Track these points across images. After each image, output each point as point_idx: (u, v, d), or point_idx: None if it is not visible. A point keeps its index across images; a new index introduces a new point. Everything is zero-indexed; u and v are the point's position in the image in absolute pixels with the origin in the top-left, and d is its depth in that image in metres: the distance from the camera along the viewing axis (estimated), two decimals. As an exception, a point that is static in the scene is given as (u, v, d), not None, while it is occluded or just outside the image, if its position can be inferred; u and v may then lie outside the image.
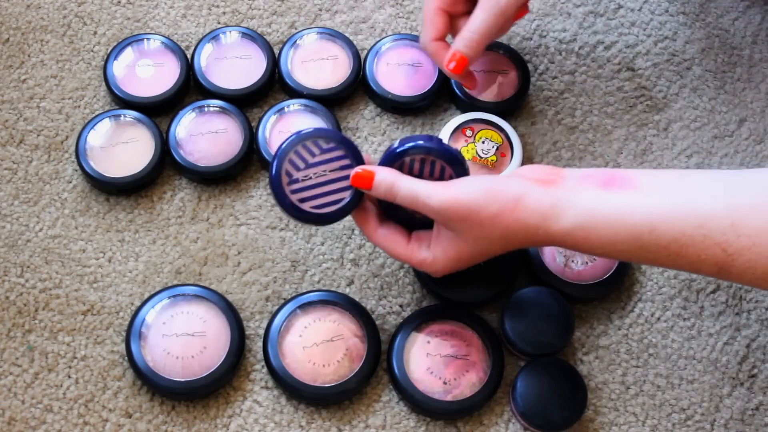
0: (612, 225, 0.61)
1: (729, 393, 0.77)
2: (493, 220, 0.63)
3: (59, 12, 0.89)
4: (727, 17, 0.95)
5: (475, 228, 0.63)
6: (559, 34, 0.92)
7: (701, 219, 0.58)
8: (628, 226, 0.60)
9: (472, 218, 0.63)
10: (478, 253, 0.66)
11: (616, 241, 0.61)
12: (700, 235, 0.58)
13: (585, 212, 0.61)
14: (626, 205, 0.61)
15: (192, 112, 0.83)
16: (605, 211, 0.61)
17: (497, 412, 0.75)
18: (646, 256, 0.61)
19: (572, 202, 0.62)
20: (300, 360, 0.73)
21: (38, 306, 0.76)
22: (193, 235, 0.80)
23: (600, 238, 0.61)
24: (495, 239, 0.64)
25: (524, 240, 0.64)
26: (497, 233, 0.63)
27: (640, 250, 0.61)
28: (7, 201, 0.80)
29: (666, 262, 0.60)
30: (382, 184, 0.66)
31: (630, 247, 0.61)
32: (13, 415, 0.72)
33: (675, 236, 0.59)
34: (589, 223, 0.61)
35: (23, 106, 0.85)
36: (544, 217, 0.62)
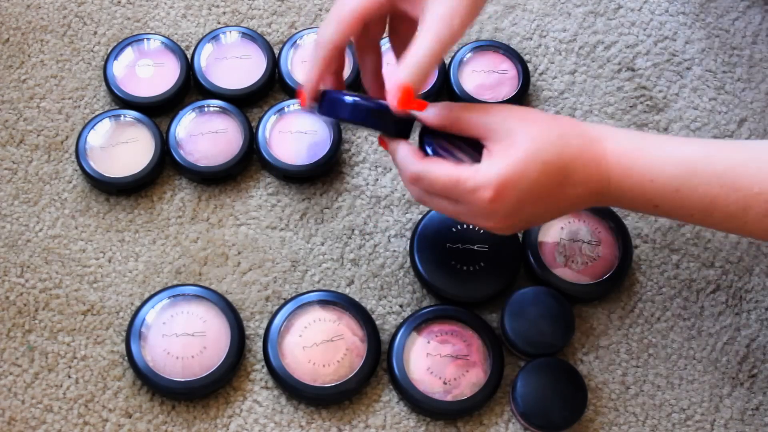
0: (664, 149, 0.60)
1: (729, 393, 0.77)
2: (552, 120, 0.62)
3: (59, 12, 0.89)
4: (727, 17, 0.95)
5: (533, 126, 0.60)
6: (559, 34, 0.92)
7: (755, 152, 0.57)
8: (680, 153, 0.59)
9: (532, 117, 0.61)
10: (529, 161, 0.59)
11: (669, 163, 0.59)
12: (755, 167, 0.57)
13: (637, 136, 0.61)
14: (677, 138, 0.62)
15: (192, 112, 0.83)
16: (658, 138, 0.61)
17: (497, 412, 0.75)
18: (697, 186, 0.59)
19: (628, 132, 0.62)
20: (300, 360, 0.73)
21: (38, 306, 0.76)
22: (193, 235, 0.80)
23: (652, 159, 0.59)
24: (551, 140, 0.60)
25: (578, 150, 0.60)
26: (555, 132, 0.60)
27: (692, 177, 0.59)
28: (7, 201, 0.80)
29: (718, 194, 0.58)
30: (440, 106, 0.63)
31: (682, 172, 0.59)
32: (13, 415, 0.72)
33: (731, 164, 0.58)
34: (642, 144, 0.60)
35: (23, 106, 0.85)
36: (601, 132, 0.61)
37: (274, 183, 0.83)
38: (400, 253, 0.80)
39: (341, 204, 0.82)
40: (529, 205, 0.61)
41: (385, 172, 0.84)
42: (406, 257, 0.80)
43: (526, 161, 0.59)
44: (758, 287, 0.81)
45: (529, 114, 0.61)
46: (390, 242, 0.81)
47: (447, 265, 0.77)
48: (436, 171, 0.61)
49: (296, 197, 0.82)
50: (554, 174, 0.60)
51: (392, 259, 0.80)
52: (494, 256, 0.77)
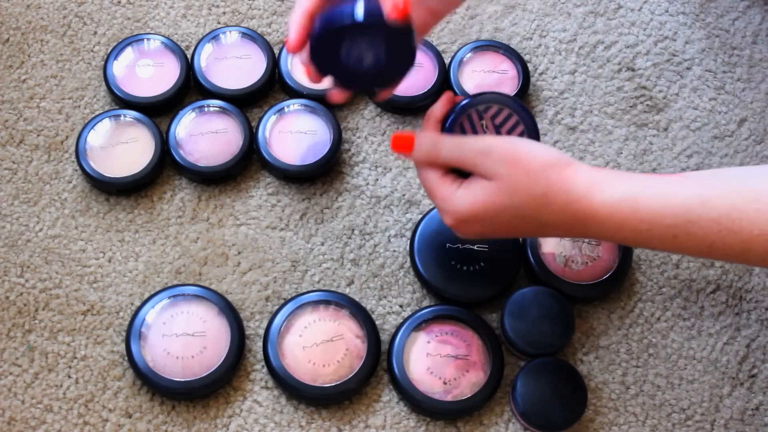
0: (662, 197, 0.59)
1: (729, 393, 0.77)
2: (540, 172, 0.60)
3: (59, 12, 0.89)
4: (727, 17, 0.95)
5: (519, 175, 0.60)
6: (559, 34, 0.92)
7: (754, 193, 0.57)
8: (678, 199, 0.58)
9: (521, 165, 0.60)
10: (506, 200, 0.61)
11: (665, 213, 0.58)
12: (753, 210, 0.56)
13: (635, 184, 0.60)
14: (676, 182, 0.59)
15: (192, 112, 0.83)
16: (655, 185, 0.59)
17: (497, 412, 0.75)
18: (695, 232, 0.58)
19: (622, 177, 0.60)
20: (300, 360, 0.73)
21: (38, 306, 0.76)
22: (193, 235, 0.80)
23: (648, 210, 0.59)
24: (533, 196, 0.60)
25: (561, 208, 0.60)
26: (539, 188, 0.60)
27: (690, 225, 0.58)
28: (7, 201, 0.80)
29: (716, 240, 0.58)
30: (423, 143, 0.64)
31: (679, 221, 0.58)
32: (13, 415, 0.72)
33: (727, 209, 0.57)
34: (639, 192, 0.59)
35: (23, 106, 0.85)
36: (592, 184, 0.60)
37: (274, 183, 0.83)
38: (400, 253, 0.80)
39: (341, 204, 0.82)
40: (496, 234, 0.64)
41: (385, 172, 0.84)
42: (406, 257, 0.80)
43: (500, 209, 0.61)
44: (758, 287, 0.81)
45: (519, 161, 0.60)
46: (390, 242, 0.81)
47: (447, 265, 0.77)
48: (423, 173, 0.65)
49: (296, 197, 0.82)
50: (531, 223, 0.62)
51: (392, 259, 0.80)
52: (494, 256, 0.77)
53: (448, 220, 0.64)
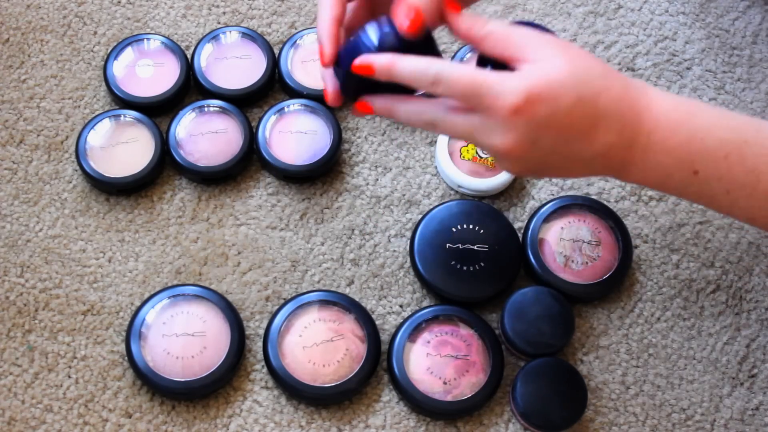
0: (719, 114, 0.56)
1: (729, 393, 0.77)
2: (597, 59, 0.56)
3: (59, 12, 0.89)
4: (727, 17, 0.95)
5: (577, 56, 0.54)
6: (559, 34, 0.92)
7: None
8: (734, 120, 0.56)
9: (577, 50, 0.55)
10: (568, 87, 0.54)
11: (722, 126, 0.55)
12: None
13: (685, 99, 0.57)
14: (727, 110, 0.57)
15: (192, 112, 0.83)
16: (705, 104, 0.56)
17: (497, 412, 0.75)
18: (747, 155, 0.55)
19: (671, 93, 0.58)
20: (300, 360, 0.73)
21: (38, 306, 0.76)
22: (193, 235, 0.80)
23: (706, 119, 0.55)
24: (593, 74, 0.54)
25: (620, 93, 0.55)
26: (599, 69, 0.55)
27: (744, 145, 0.55)
28: (7, 201, 0.80)
29: (763, 173, 0.55)
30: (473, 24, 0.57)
31: (733, 137, 0.55)
32: (13, 415, 0.72)
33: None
34: (696, 104, 0.57)
35: (23, 106, 0.85)
36: (647, 86, 0.57)
37: (274, 183, 0.83)
38: (400, 253, 0.80)
39: (341, 204, 0.82)
40: (552, 137, 0.55)
41: (385, 172, 0.84)
42: (406, 257, 0.80)
43: (562, 84, 0.53)
44: (758, 287, 0.81)
45: (572, 47, 0.55)
46: (390, 242, 0.81)
47: (447, 265, 0.77)
48: (457, 72, 0.55)
49: (296, 197, 0.82)
50: (587, 112, 0.54)
51: (392, 259, 0.80)
52: (494, 256, 0.78)
53: (507, 104, 0.53)
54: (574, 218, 0.80)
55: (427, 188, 0.83)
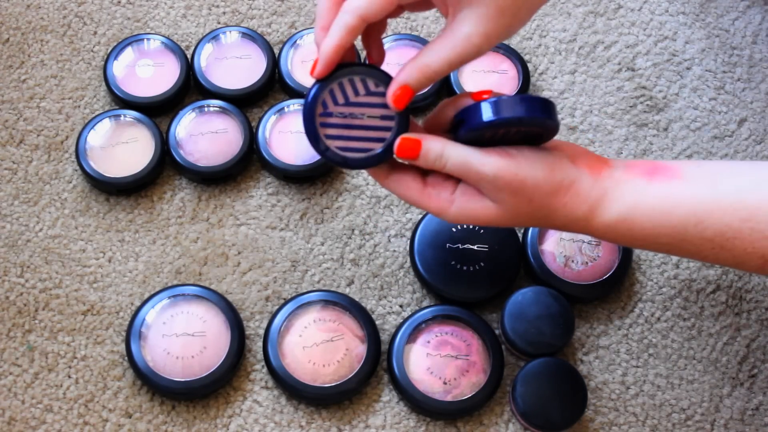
0: (656, 218, 0.59)
1: (729, 393, 0.77)
2: (543, 200, 0.60)
3: (59, 12, 0.89)
4: (727, 17, 0.95)
5: (522, 203, 0.60)
6: (559, 34, 0.92)
7: (749, 212, 0.57)
8: (672, 219, 0.59)
9: (524, 194, 0.59)
10: (508, 221, 0.62)
11: (660, 233, 0.59)
12: (748, 228, 0.57)
13: (629, 205, 0.60)
14: (671, 196, 0.59)
15: (192, 112, 0.83)
16: (650, 204, 0.59)
17: (497, 412, 0.75)
18: (689, 249, 0.59)
19: (617, 194, 0.60)
20: (300, 360, 0.73)
21: (38, 306, 0.76)
22: (193, 235, 0.80)
23: (643, 231, 0.60)
24: (536, 218, 0.61)
25: (562, 225, 0.62)
26: (541, 213, 0.61)
27: (684, 243, 0.59)
28: (7, 201, 0.80)
29: (709, 255, 0.59)
30: (430, 153, 0.60)
31: (673, 239, 0.59)
32: (13, 415, 0.72)
33: (721, 229, 0.58)
34: (634, 215, 0.60)
35: (23, 106, 0.85)
36: (591, 208, 0.60)
37: (274, 183, 0.83)
38: (400, 253, 0.80)
39: (341, 204, 0.82)
40: None
41: (385, 172, 0.84)
42: (406, 257, 0.80)
43: (502, 223, 0.62)
44: (758, 287, 0.81)
45: (523, 191, 0.59)
46: (390, 242, 0.81)
47: (447, 265, 0.77)
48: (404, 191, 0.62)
49: (296, 197, 0.82)
50: (535, 223, 0.63)
51: (392, 259, 0.80)
52: (494, 256, 0.77)
53: (444, 218, 0.63)
54: (574, 218, 0.80)
55: (427, 188, 0.83)
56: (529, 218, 0.61)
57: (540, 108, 0.58)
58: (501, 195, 0.60)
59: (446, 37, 0.57)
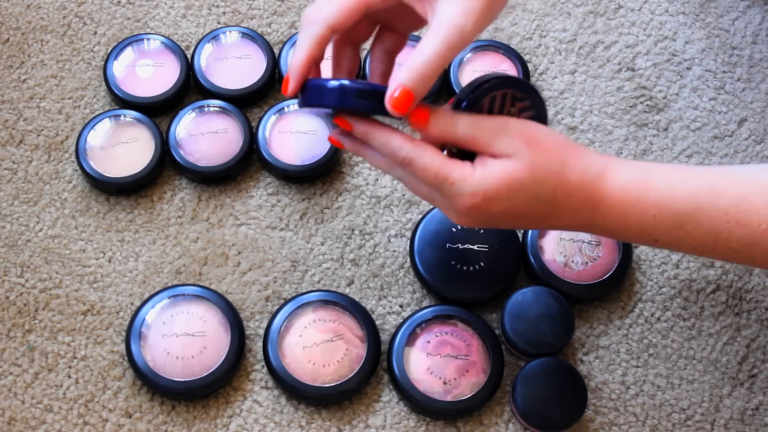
0: (671, 182, 0.57)
1: (729, 393, 0.77)
2: (557, 150, 0.58)
3: (59, 12, 0.89)
4: (727, 17, 0.95)
5: (537, 151, 0.57)
6: (559, 34, 0.92)
7: (762, 186, 0.55)
8: (687, 186, 0.57)
9: (538, 142, 0.57)
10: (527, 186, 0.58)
11: (673, 199, 0.57)
12: (763, 202, 0.55)
13: (644, 170, 0.58)
14: (686, 170, 0.58)
15: (192, 112, 0.83)
16: (664, 172, 0.58)
17: (497, 412, 0.75)
18: (702, 221, 0.57)
19: (631, 163, 0.59)
20: (300, 360, 0.73)
21: (38, 306, 0.76)
22: (193, 235, 0.80)
23: (658, 194, 0.57)
24: (552, 172, 0.58)
25: (576, 188, 0.58)
26: (557, 165, 0.58)
27: (698, 213, 0.57)
28: (7, 201, 0.80)
29: (722, 231, 0.57)
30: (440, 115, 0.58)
31: (687, 207, 0.57)
32: (13, 415, 0.72)
33: (736, 200, 0.56)
34: (648, 178, 0.58)
35: (23, 106, 0.85)
36: (605, 166, 0.58)
37: (274, 183, 0.83)
38: (400, 253, 0.80)
39: (341, 204, 0.82)
40: (506, 221, 0.60)
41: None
42: (406, 257, 0.80)
43: (520, 185, 0.58)
44: (758, 287, 0.81)
45: (536, 139, 0.58)
46: (390, 242, 0.81)
47: (447, 265, 0.77)
48: (426, 160, 0.58)
49: (296, 197, 0.82)
50: (542, 207, 0.59)
51: (392, 259, 0.80)
52: (494, 256, 0.77)
53: (465, 201, 0.58)
54: (574, 218, 0.80)
55: (427, 188, 0.83)
56: (545, 171, 0.58)
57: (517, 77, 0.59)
58: (515, 144, 0.57)
59: (430, 31, 0.56)
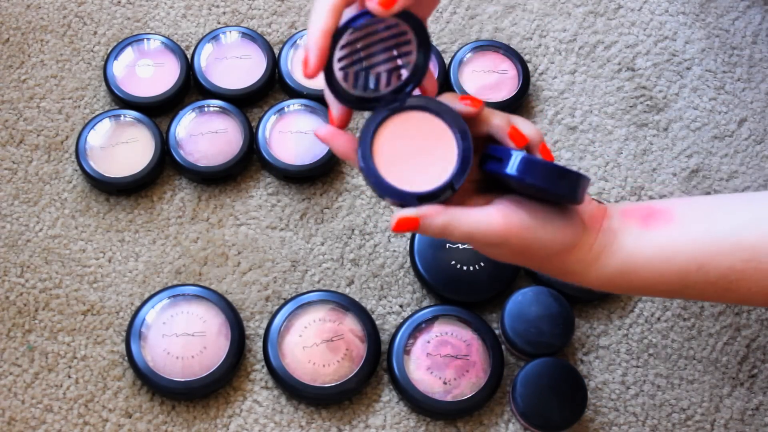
0: (656, 267, 0.58)
1: (729, 393, 0.77)
2: (543, 259, 0.59)
3: (59, 12, 0.89)
4: (727, 17, 0.95)
5: (521, 258, 0.59)
6: (559, 34, 0.92)
7: (749, 252, 0.56)
8: (672, 267, 0.58)
9: (526, 254, 0.58)
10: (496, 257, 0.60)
11: (661, 281, 0.58)
12: (751, 269, 0.56)
13: (627, 256, 0.58)
14: (668, 243, 0.58)
15: (192, 112, 0.83)
16: (648, 254, 0.58)
17: (497, 412, 0.75)
18: (691, 293, 0.59)
19: (615, 248, 0.59)
20: (300, 360, 0.73)
21: (38, 306, 0.76)
22: (193, 235, 0.80)
23: (643, 281, 0.59)
24: (529, 265, 0.61)
25: (557, 275, 0.61)
26: (536, 264, 0.60)
27: (686, 289, 0.58)
28: (7, 201, 0.80)
29: (713, 296, 0.58)
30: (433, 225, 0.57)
31: (675, 286, 0.58)
32: (13, 415, 0.72)
33: (724, 272, 0.57)
34: (632, 268, 0.58)
35: (23, 106, 0.85)
36: (588, 265, 0.59)
37: (274, 183, 0.83)
38: (400, 253, 0.80)
39: (341, 204, 0.82)
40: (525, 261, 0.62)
41: (385, 172, 0.84)
42: (406, 257, 0.80)
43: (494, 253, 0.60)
44: (758, 287, 0.81)
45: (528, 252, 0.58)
46: (390, 242, 0.81)
47: (447, 265, 0.77)
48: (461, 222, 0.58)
49: (296, 197, 0.82)
50: None
51: (392, 259, 0.80)
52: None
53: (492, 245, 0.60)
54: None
55: (427, 188, 0.83)
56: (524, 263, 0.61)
57: (568, 186, 0.56)
58: (506, 256, 0.59)
59: None
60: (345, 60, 0.57)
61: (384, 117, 0.58)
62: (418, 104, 0.59)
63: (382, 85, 0.59)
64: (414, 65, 0.58)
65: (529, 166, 0.55)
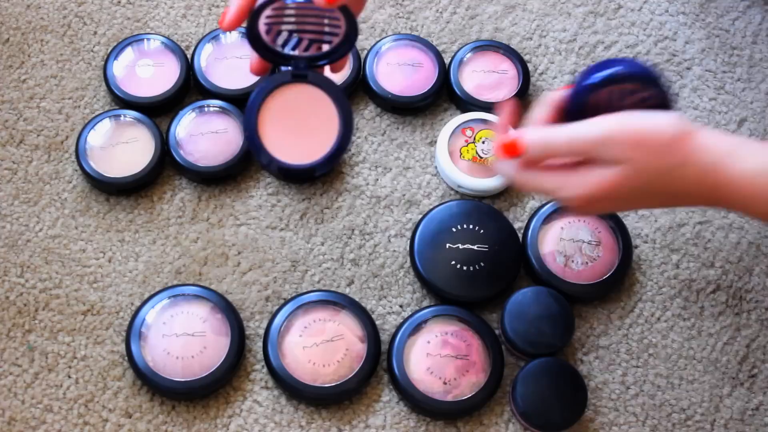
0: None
1: (729, 393, 0.77)
2: (668, 147, 0.54)
3: (59, 12, 0.89)
4: (727, 17, 0.95)
5: (645, 155, 0.54)
6: (559, 34, 0.92)
7: None
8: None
9: (647, 144, 0.54)
10: (634, 190, 0.56)
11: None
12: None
13: (754, 153, 0.54)
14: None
15: (192, 112, 0.83)
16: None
17: (497, 412, 0.75)
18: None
19: (755, 147, 0.54)
20: (300, 360, 0.73)
21: (38, 306, 0.76)
22: (193, 235, 0.80)
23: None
24: (663, 172, 0.55)
25: (696, 179, 0.55)
26: (669, 164, 0.54)
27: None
28: (7, 201, 0.80)
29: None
30: (533, 141, 0.55)
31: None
32: (13, 415, 0.72)
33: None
34: (764, 162, 0.54)
35: (23, 106, 0.85)
36: (728, 152, 0.54)
37: (274, 183, 0.83)
38: (400, 253, 0.80)
39: (341, 204, 0.82)
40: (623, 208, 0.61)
41: (385, 172, 0.84)
42: (406, 257, 0.80)
43: (628, 191, 0.56)
44: (758, 287, 0.81)
45: (643, 142, 0.55)
46: (390, 242, 0.81)
47: (447, 265, 0.77)
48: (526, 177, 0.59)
49: (296, 197, 0.82)
50: (660, 196, 0.57)
51: (392, 259, 0.80)
52: (494, 256, 0.77)
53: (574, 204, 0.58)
54: (574, 218, 0.80)
55: (427, 188, 0.83)
56: (656, 174, 0.55)
57: (640, 65, 0.55)
58: (621, 153, 0.54)
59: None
60: (273, 18, 0.60)
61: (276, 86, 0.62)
62: (317, 81, 0.64)
63: (300, 48, 0.63)
64: (335, 46, 0.64)
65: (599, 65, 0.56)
